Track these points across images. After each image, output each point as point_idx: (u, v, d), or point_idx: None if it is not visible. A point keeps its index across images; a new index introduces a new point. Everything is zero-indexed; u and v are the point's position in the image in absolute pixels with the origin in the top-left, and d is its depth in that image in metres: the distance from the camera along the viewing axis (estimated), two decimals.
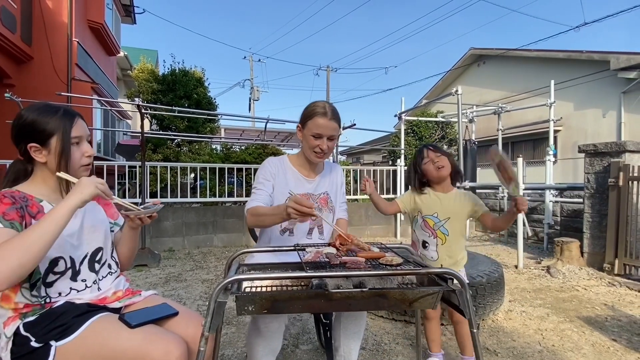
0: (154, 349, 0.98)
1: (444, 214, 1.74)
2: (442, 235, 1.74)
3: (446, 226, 1.73)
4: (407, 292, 1.10)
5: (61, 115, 1.10)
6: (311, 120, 1.52)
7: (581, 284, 3.56)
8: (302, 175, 1.65)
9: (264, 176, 1.59)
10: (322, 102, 1.58)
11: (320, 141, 1.53)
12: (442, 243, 1.74)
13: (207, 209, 5.78)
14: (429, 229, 1.76)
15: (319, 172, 1.71)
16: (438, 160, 1.72)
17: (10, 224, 0.97)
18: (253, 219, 1.46)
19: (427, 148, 1.78)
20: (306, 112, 1.56)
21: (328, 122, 1.52)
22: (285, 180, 1.61)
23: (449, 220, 1.73)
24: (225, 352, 2.13)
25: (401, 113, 7.01)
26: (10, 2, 6.64)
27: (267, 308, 1.03)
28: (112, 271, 1.24)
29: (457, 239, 1.76)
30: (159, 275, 3.89)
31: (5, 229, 0.95)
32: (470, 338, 1.67)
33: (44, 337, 0.98)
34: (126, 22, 12.46)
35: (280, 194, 1.58)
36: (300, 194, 1.60)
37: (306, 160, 1.64)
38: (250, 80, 20.67)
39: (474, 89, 12.93)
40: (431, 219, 1.75)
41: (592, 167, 4.12)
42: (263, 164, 1.65)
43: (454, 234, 1.74)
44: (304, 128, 1.57)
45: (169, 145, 7.34)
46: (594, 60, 9.89)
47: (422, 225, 1.78)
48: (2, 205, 0.98)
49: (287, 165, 1.66)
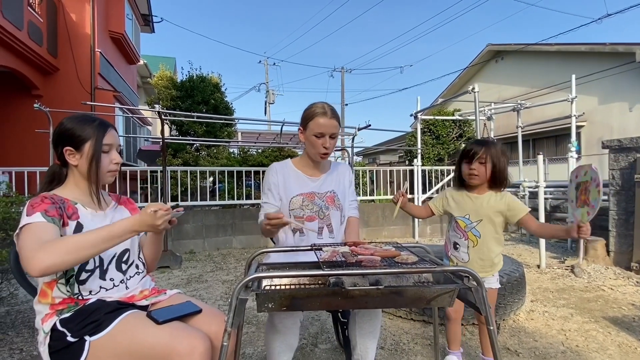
0: (180, 344, 1.03)
1: (476, 216, 1.70)
2: (474, 238, 1.70)
3: (478, 228, 1.69)
4: (423, 290, 1.11)
5: (97, 124, 1.21)
6: (312, 121, 1.57)
7: (607, 284, 3.45)
8: (306, 175, 1.69)
9: (268, 187, 1.66)
10: (320, 103, 1.63)
11: (323, 140, 1.58)
12: (473, 245, 1.70)
13: (226, 211, 5.89)
14: (460, 230, 1.73)
15: (324, 171, 1.74)
16: (474, 168, 1.66)
17: (52, 219, 1.06)
18: (267, 232, 1.55)
19: (472, 147, 1.68)
20: (306, 114, 1.61)
21: (329, 120, 1.56)
22: (289, 183, 1.66)
23: (481, 222, 1.69)
24: (245, 350, 2.18)
25: (417, 112, 6.95)
26: (36, 16, 6.97)
27: (286, 305, 1.07)
28: (139, 271, 1.30)
29: (491, 242, 1.70)
30: (180, 277, 3.99)
31: (48, 223, 1.05)
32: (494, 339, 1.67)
33: (79, 333, 1.05)
34: (145, 31, 12.84)
35: (286, 198, 1.64)
36: (305, 193, 1.64)
37: (310, 160, 1.69)
38: (266, 84, 20.91)
39: (492, 85, 12.68)
40: (462, 221, 1.73)
41: (617, 163, 3.99)
42: (265, 174, 1.71)
43: (486, 237, 1.69)
44: (305, 130, 1.61)
45: (188, 150, 7.52)
46: (619, 52, 9.55)
47: (454, 227, 1.76)
48: (43, 204, 1.09)
49: (289, 168, 1.70)
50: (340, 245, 1.39)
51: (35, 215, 1.04)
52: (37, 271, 0.94)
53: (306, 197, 1.64)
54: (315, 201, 1.65)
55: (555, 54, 11.29)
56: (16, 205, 2.60)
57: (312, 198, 1.65)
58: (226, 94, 8.56)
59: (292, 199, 1.63)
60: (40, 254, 0.94)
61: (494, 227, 1.70)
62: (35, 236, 1.00)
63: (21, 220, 1.05)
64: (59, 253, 0.95)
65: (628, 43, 9.43)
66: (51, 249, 0.95)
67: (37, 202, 1.08)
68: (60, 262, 0.96)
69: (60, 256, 0.95)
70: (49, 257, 0.94)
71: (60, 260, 0.95)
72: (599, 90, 10.10)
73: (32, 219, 1.04)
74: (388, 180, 7.47)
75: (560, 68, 10.76)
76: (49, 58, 7.48)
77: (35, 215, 1.04)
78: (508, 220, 1.70)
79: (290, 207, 1.62)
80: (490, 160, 1.64)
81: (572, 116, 5.95)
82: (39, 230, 1.02)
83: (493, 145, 1.68)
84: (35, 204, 1.08)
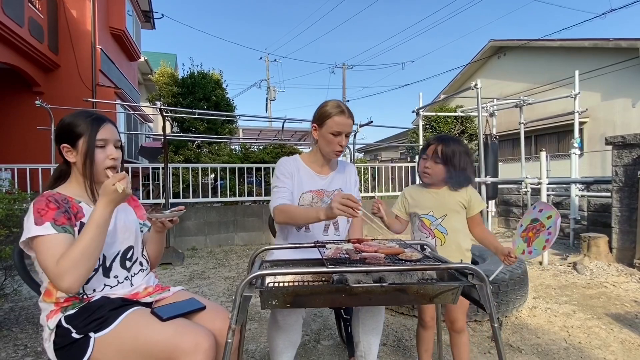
0: (184, 341, 1.03)
1: (440, 211, 1.58)
2: (441, 235, 1.58)
3: (444, 224, 1.57)
4: (427, 287, 1.11)
5: (91, 120, 1.18)
6: (330, 119, 1.56)
7: (610, 281, 3.45)
8: (315, 172, 1.69)
9: (283, 174, 1.63)
10: (336, 101, 1.62)
11: (339, 138, 1.58)
12: (441, 243, 1.57)
13: (228, 208, 5.90)
14: (426, 229, 1.60)
15: (332, 169, 1.74)
16: (428, 166, 1.57)
17: (63, 229, 1.05)
18: (283, 216, 1.49)
19: (430, 143, 1.60)
20: (323, 111, 1.59)
21: (346, 119, 1.57)
22: (300, 178, 1.65)
23: (446, 217, 1.57)
24: (248, 347, 2.19)
25: (419, 109, 6.92)
26: (37, 12, 6.96)
27: (289, 302, 1.07)
28: (143, 268, 1.30)
29: (459, 238, 1.58)
30: (183, 273, 4.01)
31: (61, 234, 1.04)
32: (467, 349, 1.64)
33: (84, 329, 1.05)
34: (146, 27, 12.82)
35: (297, 193, 1.62)
36: (315, 190, 1.64)
37: (319, 157, 1.68)
38: (267, 80, 20.86)
39: (495, 81, 12.62)
40: (427, 218, 1.60)
41: (621, 159, 3.97)
42: (279, 162, 1.69)
43: (454, 233, 1.57)
44: (321, 127, 1.60)
45: (190, 147, 7.52)
46: (622, 48, 9.47)
47: (419, 226, 1.63)
48: (49, 211, 1.06)
49: (300, 163, 1.70)
50: (343, 242, 1.38)
51: (45, 226, 1.03)
52: (74, 291, 1.04)
53: (316, 194, 1.64)
54: (324, 199, 1.65)
55: (558, 49, 11.22)
56: (19, 202, 2.60)
57: (322, 196, 1.65)
58: (227, 91, 8.57)
59: (302, 195, 1.62)
60: (69, 277, 1.00)
61: (460, 221, 1.59)
62: (52, 254, 1.01)
63: (29, 226, 1.03)
64: (84, 267, 1.02)
65: (632, 38, 9.35)
66: (72, 267, 1.00)
67: (44, 208, 1.06)
68: (86, 273, 1.04)
69: (86, 269, 1.03)
70: (77, 277, 1.01)
71: (86, 272, 1.04)
72: (602, 86, 10.04)
73: (43, 230, 1.02)
74: (390, 177, 7.46)
75: (563, 64, 10.69)
76: (50, 55, 7.47)
77: (45, 226, 1.03)
78: (468, 213, 1.59)
79: (300, 203, 1.62)
80: (447, 159, 1.53)
81: (575, 112, 5.92)
82: (54, 245, 1.02)
83: (454, 142, 1.56)
84: (42, 210, 1.05)
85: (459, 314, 1.60)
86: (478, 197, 1.61)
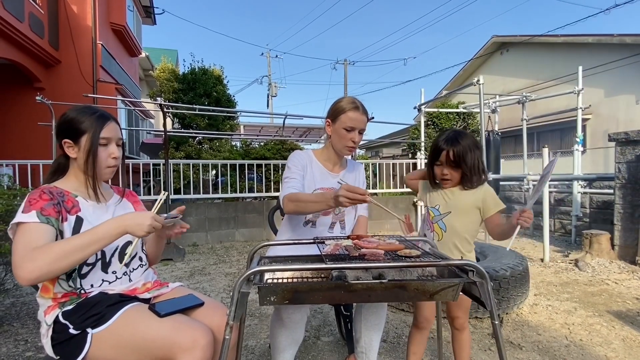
0: (182, 337, 1.02)
1: (445, 207, 1.54)
2: (439, 230, 1.55)
3: (445, 221, 1.54)
4: (427, 284, 1.10)
5: (95, 117, 1.17)
6: (344, 114, 1.55)
7: (611, 278, 3.43)
8: (327, 170, 1.68)
9: (295, 165, 1.61)
10: (350, 97, 1.62)
11: (353, 134, 1.57)
12: (438, 239, 1.55)
13: (229, 204, 5.89)
14: (429, 221, 1.61)
15: (343, 167, 1.73)
16: (447, 173, 1.50)
17: (47, 219, 1.04)
18: (292, 205, 1.45)
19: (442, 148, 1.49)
20: (337, 107, 1.59)
21: (360, 115, 1.56)
22: (312, 173, 1.64)
23: (450, 215, 1.53)
24: (248, 342, 2.19)
25: (421, 105, 6.89)
26: (37, 8, 6.93)
27: (288, 299, 1.06)
28: (142, 264, 1.30)
29: (457, 239, 1.52)
30: (183, 269, 4.01)
31: (42, 224, 1.02)
32: (468, 347, 1.63)
33: (81, 325, 1.04)
34: (147, 23, 12.76)
35: (308, 188, 1.60)
36: (326, 187, 1.62)
37: (331, 155, 1.67)
38: (268, 76, 20.80)
39: (497, 77, 12.54)
40: (432, 211, 1.59)
41: (624, 156, 3.94)
42: (292, 154, 1.67)
43: (453, 232, 1.52)
44: (334, 122, 1.59)
45: (191, 143, 7.51)
46: (626, 44, 9.39)
47: (425, 217, 1.65)
48: (41, 201, 1.06)
49: (312, 159, 1.69)
50: (343, 238, 1.37)
51: (31, 214, 1.02)
52: (25, 281, 0.94)
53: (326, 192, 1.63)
54: None
55: (561, 45, 11.12)
56: (19, 198, 2.60)
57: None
58: (228, 87, 8.54)
59: (314, 191, 1.61)
60: (28, 265, 0.93)
61: (464, 222, 1.52)
62: (27, 240, 0.98)
63: (17, 214, 1.03)
64: (46, 262, 0.94)
65: (636, 34, 9.26)
66: (39, 257, 0.94)
67: (35, 198, 1.06)
68: (47, 272, 0.95)
69: (47, 265, 0.94)
70: (36, 268, 0.93)
71: (47, 270, 0.95)
72: (605, 82, 9.96)
73: (27, 217, 1.02)
74: (391, 173, 7.44)
75: (566, 60, 10.60)
76: (51, 50, 7.45)
77: (30, 214, 1.02)
78: (484, 215, 1.51)
79: None
80: (461, 159, 1.46)
81: (578, 109, 5.88)
82: (32, 233, 1.00)
83: (461, 138, 1.48)
84: (34, 200, 1.06)
85: (461, 311, 1.59)
86: (494, 197, 1.52)
